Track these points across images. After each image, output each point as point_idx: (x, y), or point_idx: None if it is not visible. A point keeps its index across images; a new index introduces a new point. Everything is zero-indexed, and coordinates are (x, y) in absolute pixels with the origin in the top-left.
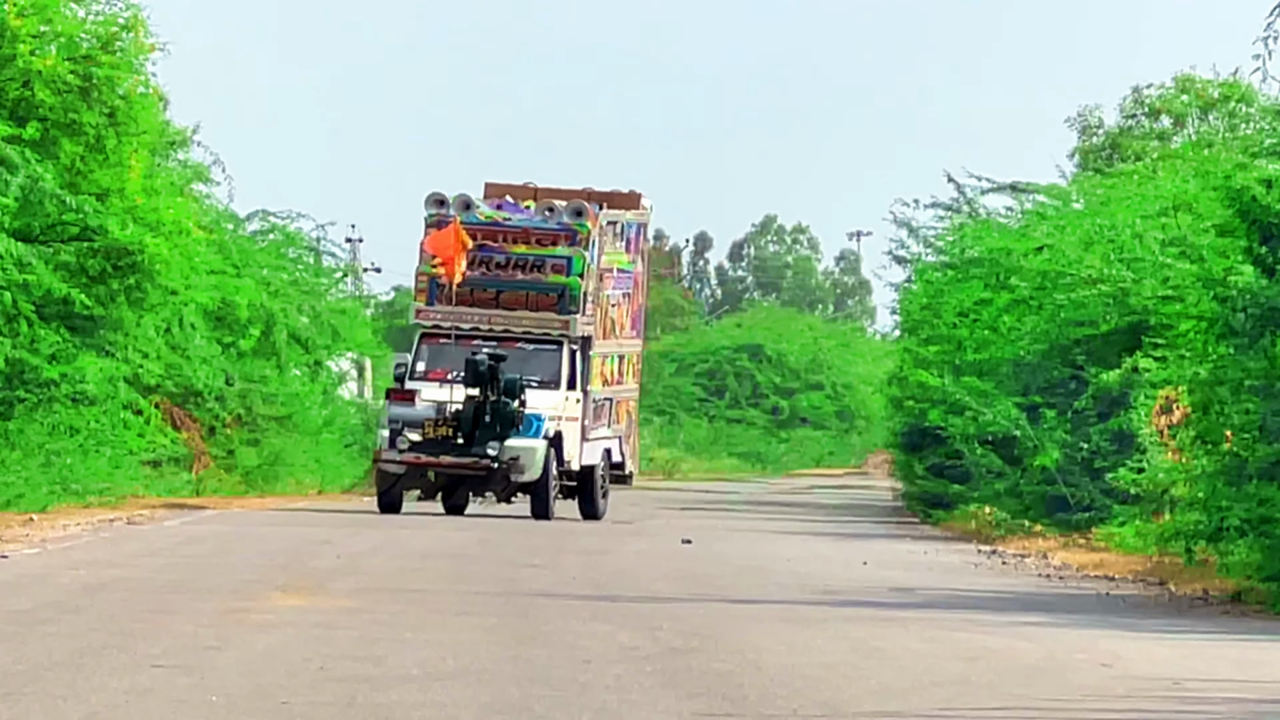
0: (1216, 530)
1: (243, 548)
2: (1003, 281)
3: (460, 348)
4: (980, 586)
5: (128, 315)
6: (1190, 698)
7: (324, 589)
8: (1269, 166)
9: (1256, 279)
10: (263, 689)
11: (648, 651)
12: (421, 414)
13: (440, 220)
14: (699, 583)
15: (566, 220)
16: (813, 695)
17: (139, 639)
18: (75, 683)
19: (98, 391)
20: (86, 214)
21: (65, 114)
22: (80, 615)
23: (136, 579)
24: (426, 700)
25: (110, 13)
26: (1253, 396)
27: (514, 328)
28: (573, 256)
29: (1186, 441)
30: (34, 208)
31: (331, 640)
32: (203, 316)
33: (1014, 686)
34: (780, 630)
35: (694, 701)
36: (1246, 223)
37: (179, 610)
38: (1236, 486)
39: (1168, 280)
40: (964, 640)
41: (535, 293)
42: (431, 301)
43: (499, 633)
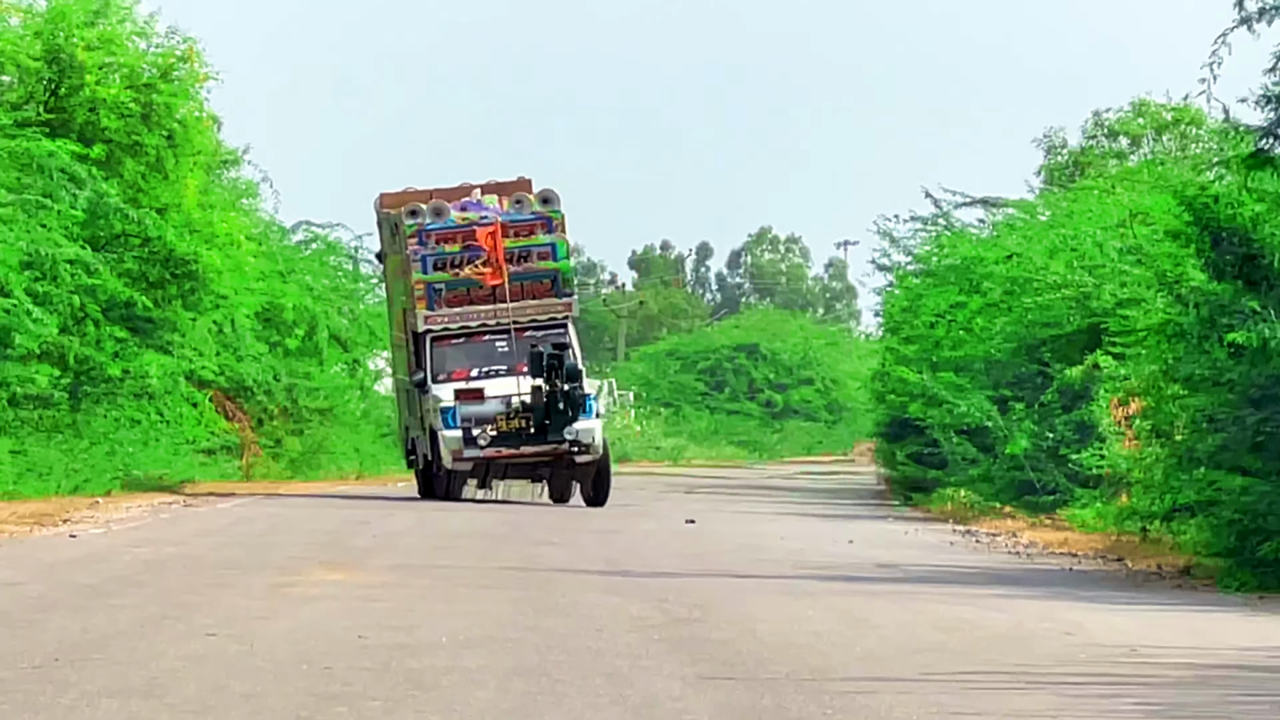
0: (1169, 511)
1: (289, 528)
2: (975, 286)
3: (478, 345)
4: (956, 563)
5: (184, 317)
6: (1145, 662)
7: (363, 565)
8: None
9: (1206, 281)
10: (307, 656)
11: (655, 621)
12: (492, 410)
13: (423, 230)
14: (701, 559)
15: (539, 209)
16: (805, 661)
17: (195, 611)
18: (137, 650)
19: (158, 386)
20: (147, 226)
21: (128, 136)
22: (142, 589)
23: (193, 556)
24: (455, 666)
25: (168, 46)
26: (1201, 391)
27: (520, 318)
28: (555, 242)
29: (1142, 431)
30: (100, 220)
31: (369, 612)
32: (252, 318)
33: (987, 653)
34: (775, 602)
35: (697, 666)
36: (1199, 227)
37: (231, 584)
38: (1187, 472)
39: (1125, 285)
40: (941, 611)
41: (529, 281)
42: (432, 307)
43: (520, 605)
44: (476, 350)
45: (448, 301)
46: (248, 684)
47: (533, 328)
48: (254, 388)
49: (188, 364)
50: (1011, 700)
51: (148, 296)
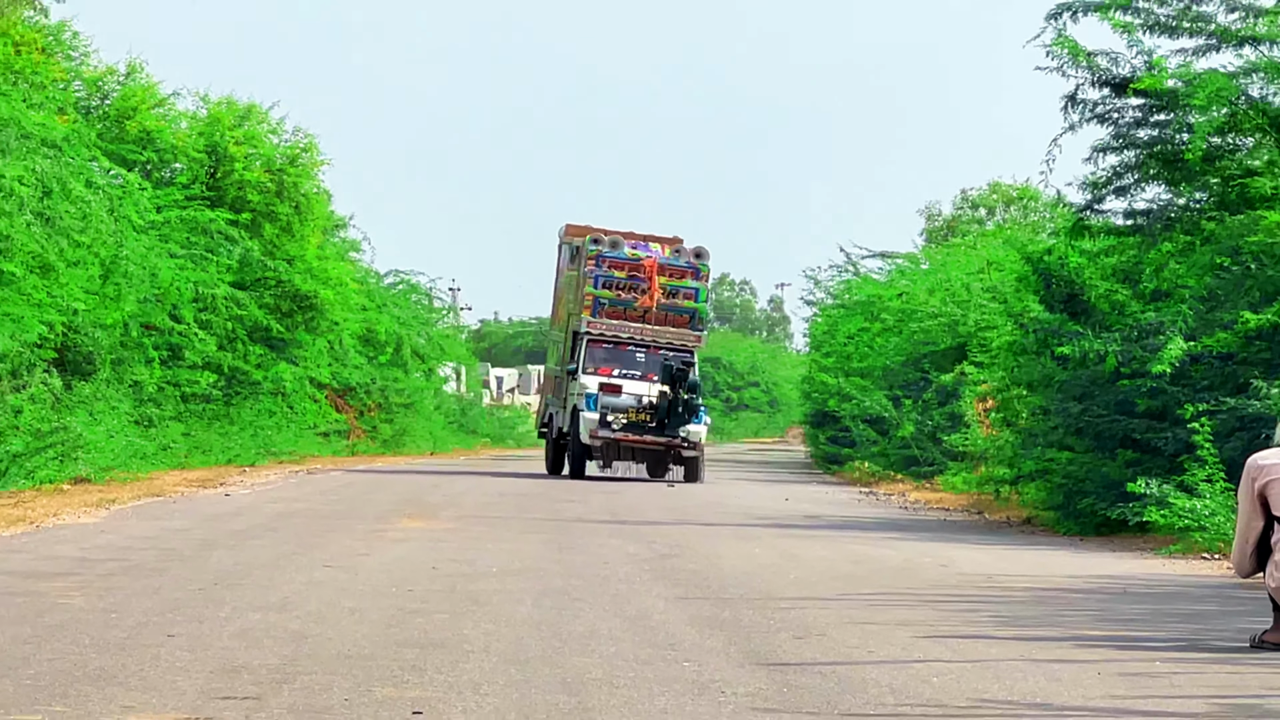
0: (1015, 478)
1: (381, 490)
2: (875, 316)
3: (620, 352)
4: (861, 515)
5: (306, 338)
6: (999, 585)
7: (434, 516)
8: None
9: (1042, 312)
10: (395, 581)
11: (645, 556)
12: (625, 403)
13: (600, 256)
14: (679, 512)
15: (692, 260)
16: (753, 585)
17: (314, 549)
18: (274, 577)
19: (288, 387)
20: (280, 272)
21: (266, 207)
22: (276, 533)
23: (312, 510)
24: (501, 588)
25: (294, 140)
26: (1037, 391)
27: (660, 339)
28: (699, 288)
29: (995, 420)
30: (246, 268)
31: (439, 549)
32: (355, 339)
33: (883, 579)
34: (731, 543)
35: (675, 589)
36: (1036, 275)
37: (340, 530)
38: (1027, 449)
39: (983, 315)
40: (852, 549)
41: (673, 313)
42: (595, 315)
43: (548, 544)
44: (619, 355)
45: (607, 314)
46: (352, 601)
47: (667, 348)
48: (356, 388)
49: (309, 371)
50: (901, 613)
51: (280, 323)
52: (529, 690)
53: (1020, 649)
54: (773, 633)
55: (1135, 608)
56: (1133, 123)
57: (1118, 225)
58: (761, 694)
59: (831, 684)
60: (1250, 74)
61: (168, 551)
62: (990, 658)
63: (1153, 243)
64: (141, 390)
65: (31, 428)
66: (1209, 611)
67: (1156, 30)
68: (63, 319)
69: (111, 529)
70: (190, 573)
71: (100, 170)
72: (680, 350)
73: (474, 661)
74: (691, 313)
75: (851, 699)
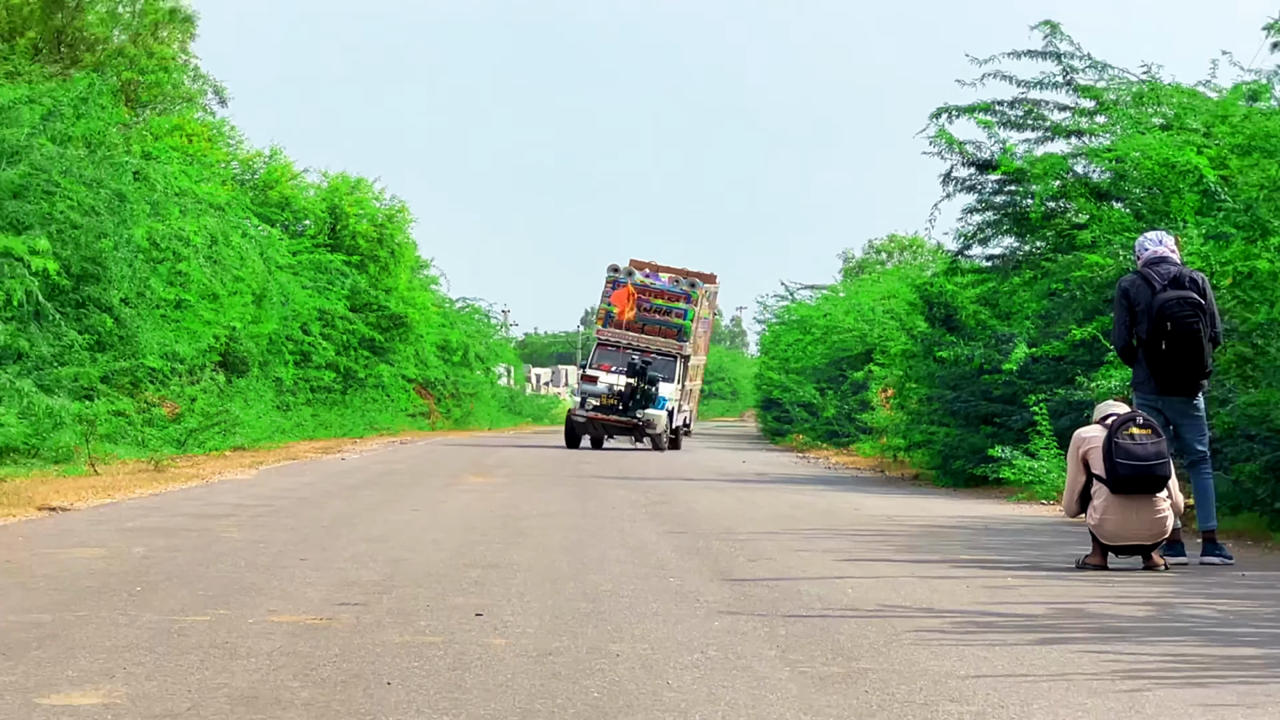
0: (907, 446)
1: (453, 456)
2: (807, 330)
3: (619, 353)
4: (796, 473)
5: (399, 346)
6: (896, 523)
7: (492, 474)
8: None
9: (926, 327)
10: (465, 520)
11: (642, 503)
12: (599, 390)
13: (617, 281)
14: (666, 471)
15: (686, 288)
16: (721, 524)
17: (404, 498)
18: (376, 518)
19: (387, 381)
20: (380, 299)
21: (370, 251)
22: (378, 486)
23: (404, 469)
24: (539, 525)
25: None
26: (923, 384)
27: (653, 346)
28: (688, 310)
29: (894, 404)
30: (356, 295)
31: (495, 498)
32: (434, 347)
33: (814, 519)
34: (704, 492)
35: (664, 526)
36: (923, 300)
37: (423, 484)
38: (916, 426)
39: (885, 329)
40: (790, 498)
41: (665, 328)
42: (606, 325)
43: (573, 494)
44: (619, 357)
45: (615, 325)
46: (433, 535)
47: (655, 352)
48: (435, 382)
49: (401, 370)
50: (826, 543)
51: (380, 335)
52: (559, 598)
53: (911, 569)
54: (733, 557)
55: (993, 539)
56: (992, 192)
57: (981, 265)
58: (725, 601)
59: (776, 594)
60: (1075, 157)
61: (300, 499)
62: (889, 575)
63: (1005, 277)
64: (281, 384)
65: (202, 410)
66: (1046, 542)
67: (1009, 126)
68: (225, 332)
69: (259, 483)
70: (316, 514)
71: (252, 225)
72: (665, 354)
73: (520, 578)
74: (679, 329)
75: (790, 604)
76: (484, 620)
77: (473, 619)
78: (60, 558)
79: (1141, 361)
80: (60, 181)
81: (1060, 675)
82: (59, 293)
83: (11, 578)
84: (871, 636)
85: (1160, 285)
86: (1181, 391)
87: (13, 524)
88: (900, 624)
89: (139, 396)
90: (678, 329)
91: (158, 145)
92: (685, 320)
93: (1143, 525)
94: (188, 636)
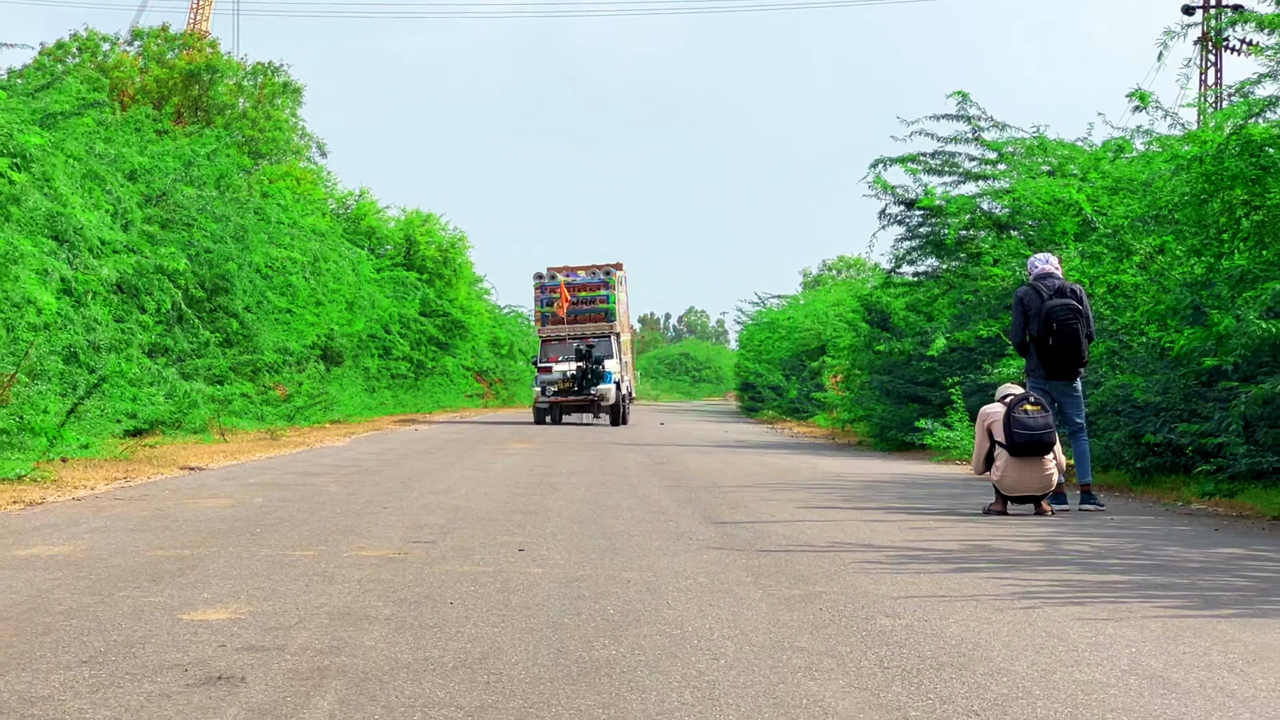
0: (852, 419)
1: (501, 428)
2: (775, 330)
3: (563, 344)
4: (768, 440)
5: (459, 343)
6: (844, 478)
7: (531, 441)
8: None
9: (867, 328)
10: (509, 478)
11: (647, 463)
12: (555, 378)
13: (543, 285)
14: (666, 439)
15: (603, 277)
16: (709, 479)
17: (463, 459)
18: (442, 475)
19: (450, 370)
20: (444, 307)
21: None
22: (444, 450)
23: (462, 438)
24: (568, 481)
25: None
26: (864, 370)
27: (588, 331)
28: (609, 295)
29: (842, 386)
30: (426, 304)
31: (534, 460)
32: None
33: (779, 475)
34: (696, 455)
35: (664, 481)
36: (864, 306)
37: (476, 450)
38: (859, 403)
39: (835, 328)
40: (761, 459)
41: (595, 314)
42: (544, 323)
43: (593, 457)
44: (561, 348)
45: (549, 322)
46: (485, 488)
47: (590, 337)
48: (488, 371)
49: (462, 361)
50: (789, 494)
51: (444, 335)
52: (583, 536)
53: (855, 514)
54: (718, 505)
55: (918, 491)
56: (917, 224)
57: (909, 280)
58: (711, 539)
59: (751, 534)
60: (981, 196)
61: (383, 461)
62: (838, 519)
63: (928, 289)
64: (368, 372)
65: (307, 392)
66: (959, 493)
67: (930, 173)
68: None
69: (351, 449)
70: (395, 473)
71: (345, 249)
72: (598, 336)
73: (552, 522)
74: (605, 311)
75: (762, 542)
76: (524, 554)
77: (516, 553)
78: (197, 506)
79: (1033, 354)
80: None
81: (971, 596)
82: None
83: (160, 521)
84: (824, 566)
85: (1048, 295)
86: (1064, 376)
87: (161, 480)
88: (846, 556)
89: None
90: (604, 312)
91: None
92: (609, 304)
93: (1034, 480)
94: (295, 567)
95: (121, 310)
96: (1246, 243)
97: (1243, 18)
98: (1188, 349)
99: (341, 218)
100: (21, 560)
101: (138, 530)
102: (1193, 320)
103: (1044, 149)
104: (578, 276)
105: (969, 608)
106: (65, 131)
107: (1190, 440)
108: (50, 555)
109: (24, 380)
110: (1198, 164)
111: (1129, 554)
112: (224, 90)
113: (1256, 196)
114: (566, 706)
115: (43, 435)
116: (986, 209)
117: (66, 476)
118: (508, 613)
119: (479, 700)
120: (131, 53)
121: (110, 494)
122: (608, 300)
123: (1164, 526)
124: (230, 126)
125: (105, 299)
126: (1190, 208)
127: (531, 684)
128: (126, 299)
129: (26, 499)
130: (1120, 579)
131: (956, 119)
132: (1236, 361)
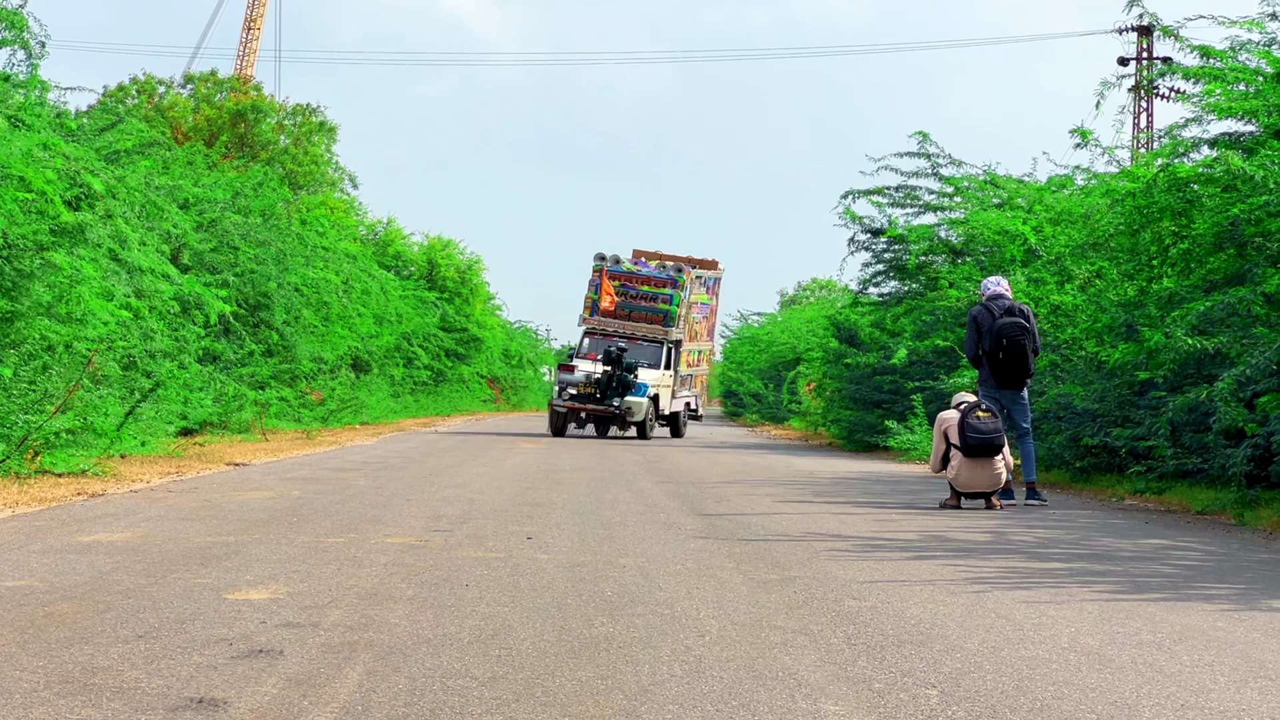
0: (824, 423)
1: (512, 429)
2: (756, 344)
3: (609, 340)
4: (749, 441)
5: (475, 353)
6: (816, 476)
7: (538, 441)
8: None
9: (837, 344)
10: (520, 473)
11: (641, 462)
12: (577, 379)
13: (602, 269)
14: (659, 440)
15: (672, 274)
16: (697, 476)
17: (478, 456)
18: (458, 471)
19: (467, 378)
20: (462, 322)
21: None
22: (460, 449)
23: (477, 437)
24: (571, 477)
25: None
26: (836, 380)
27: (637, 332)
28: (673, 295)
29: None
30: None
31: (541, 458)
32: (500, 355)
33: (760, 473)
34: (685, 455)
35: (657, 478)
36: (833, 324)
37: (492, 447)
38: (831, 410)
39: (808, 343)
40: (743, 458)
41: (650, 314)
42: (592, 314)
43: (594, 455)
44: (605, 344)
45: (601, 313)
46: (498, 482)
47: (642, 338)
48: (500, 378)
49: (477, 370)
50: (768, 489)
51: (461, 347)
52: (584, 526)
53: (825, 508)
54: (704, 499)
55: (882, 487)
56: (882, 250)
57: (875, 300)
58: (698, 530)
59: (734, 525)
60: (939, 226)
61: (406, 459)
62: (811, 512)
63: (891, 308)
64: (394, 379)
65: (339, 397)
66: (918, 489)
67: (894, 205)
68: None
69: (378, 448)
70: (417, 468)
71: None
72: (651, 340)
73: (557, 513)
74: (664, 313)
75: (744, 532)
76: (532, 542)
77: (525, 541)
78: (241, 498)
79: (985, 366)
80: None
81: (928, 581)
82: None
83: (209, 511)
84: (798, 554)
85: (999, 314)
86: (1013, 386)
87: (209, 474)
88: (818, 545)
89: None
90: (663, 314)
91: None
92: (671, 305)
93: (985, 478)
94: (329, 552)
95: (176, 321)
96: (1174, 268)
97: (1171, 69)
98: (1122, 362)
99: (371, 243)
100: (84, 545)
101: (188, 519)
102: (1126, 337)
103: (995, 184)
104: (645, 266)
105: (926, 591)
106: (128, 168)
107: (1124, 443)
108: (110, 541)
109: (87, 385)
110: (1131, 198)
111: (1069, 544)
112: (267, 128)
113: (1183, 227)
114: (569, 677)
115: (104, 435)
116: (944, 237)
117: (125, 471)
118: (517, 594)
119: (491, 671)
120: (184, 95)
121: (164, 487)
122: (670, 301)
123: (1100, 520)
124: (273, 161)
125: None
126: (1124, 237)
127: (538, 657)
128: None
129: (89, 491)
130: (1061, 566)
131: (918, 156)
132: (1165, 374)
